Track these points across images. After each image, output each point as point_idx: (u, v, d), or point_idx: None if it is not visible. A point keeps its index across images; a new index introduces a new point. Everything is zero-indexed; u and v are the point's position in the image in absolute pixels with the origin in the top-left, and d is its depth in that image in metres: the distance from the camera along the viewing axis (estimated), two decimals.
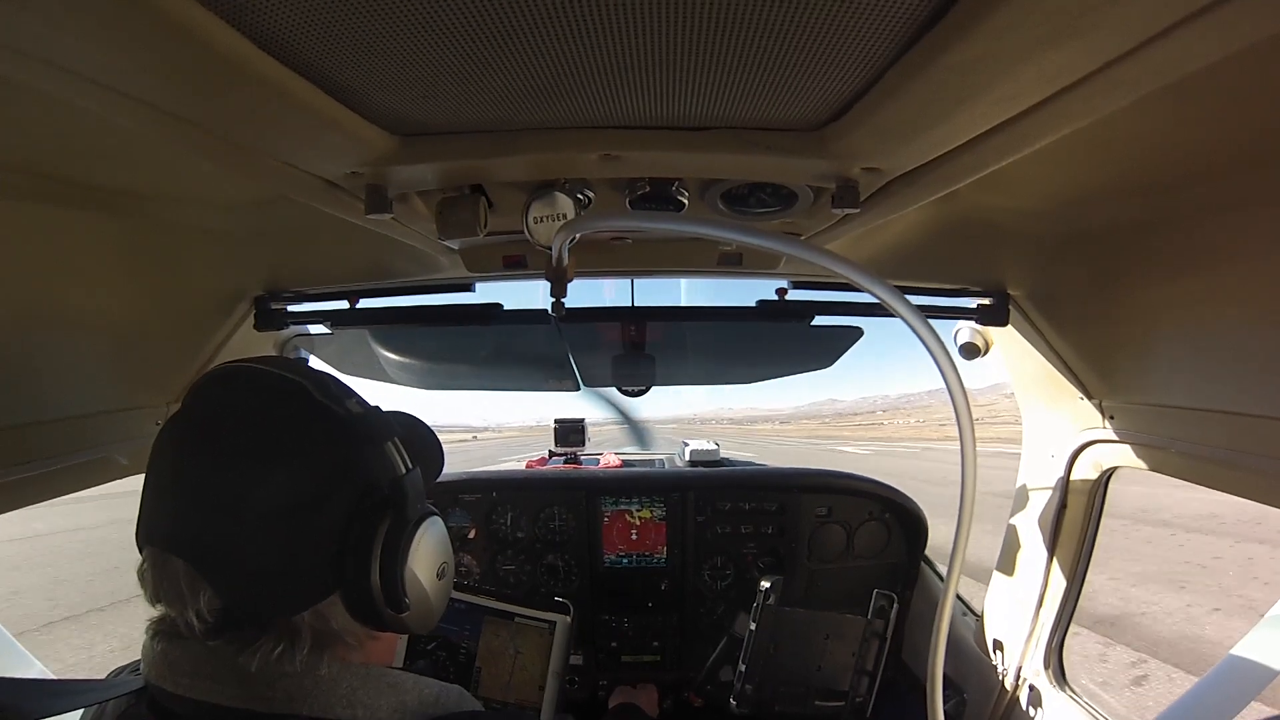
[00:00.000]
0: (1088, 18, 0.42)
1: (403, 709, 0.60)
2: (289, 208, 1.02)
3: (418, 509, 0.64)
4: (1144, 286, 1.00)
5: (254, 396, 0.60)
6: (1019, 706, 1.55)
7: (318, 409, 0.60)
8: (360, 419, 0.62)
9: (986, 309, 1.34)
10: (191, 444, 0.58)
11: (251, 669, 0.55)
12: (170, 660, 0.57)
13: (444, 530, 0.69)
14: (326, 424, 0.60)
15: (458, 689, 0.67)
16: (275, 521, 0.56)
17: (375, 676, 0.61)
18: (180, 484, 0.57)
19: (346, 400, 0.62)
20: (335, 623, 0.60)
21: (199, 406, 0.61)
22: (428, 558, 0.65)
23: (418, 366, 1.77)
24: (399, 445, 0.65)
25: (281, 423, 0.59)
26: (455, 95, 0.61)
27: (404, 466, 0.65)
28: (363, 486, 0.60)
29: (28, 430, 0.98)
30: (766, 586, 1.58)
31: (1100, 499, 1.41)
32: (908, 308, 0.54)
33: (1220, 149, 0.72)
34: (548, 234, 0.82)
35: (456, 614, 1.47)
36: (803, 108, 0.64)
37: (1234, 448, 0.95)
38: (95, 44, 0.46)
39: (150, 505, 0.58)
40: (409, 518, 0.62)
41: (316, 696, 0.57)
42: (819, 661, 1.62)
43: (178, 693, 0.57)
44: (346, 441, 0.60)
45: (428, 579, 0.65)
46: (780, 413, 59.20)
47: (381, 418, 0.65)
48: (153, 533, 0.58)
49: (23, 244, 0.85)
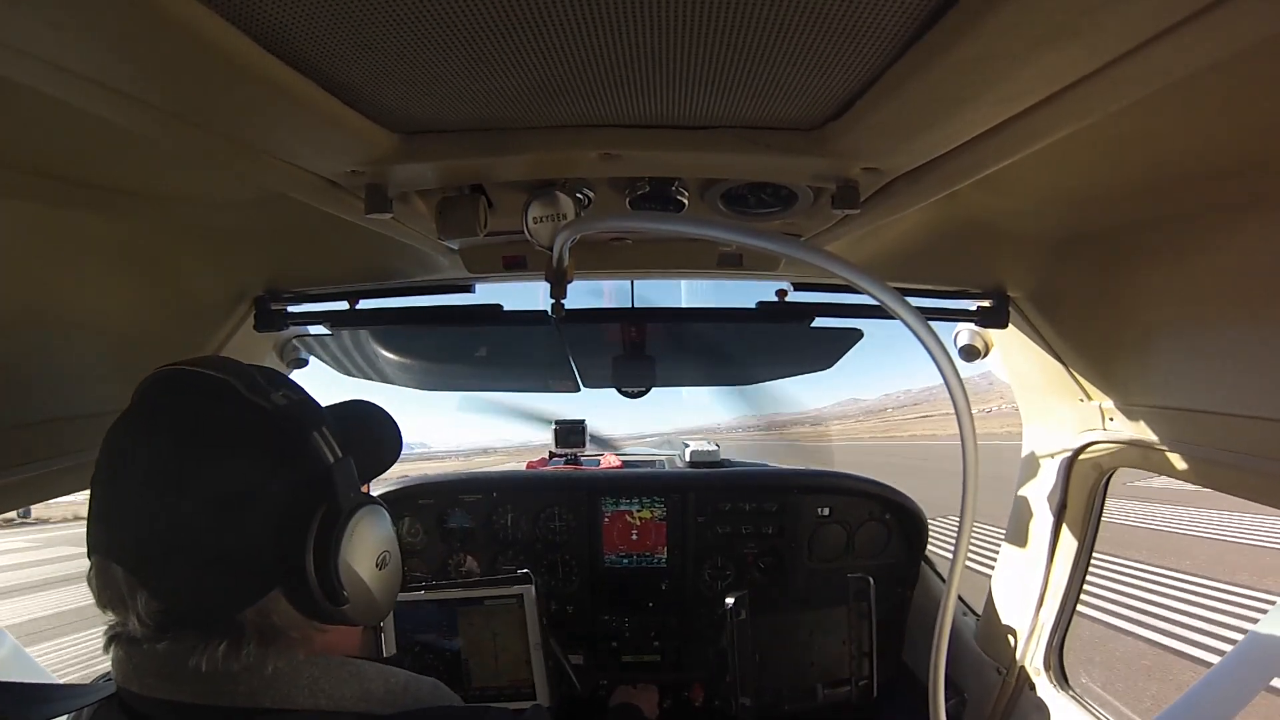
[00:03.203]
0: (1088, 18, 0.42)
1: (367, 696, 0.60)
2: (289, 207, 1.02)
3: (351, 499, 0.63)
4: (1144, 287, 1.00)
5: (181, 397, 0.60)
6: (1019, 706, 1.55)
7: (242, 403, 0.60)
8: (284, 410, 0.61)
9: (986, 311, 1.34)
10: (122, 449, 0.59)
11: (203, 669, 0.55)
12: (132, 663, 0.58)
13: (384, 519, 0.68)
14: (251, 418, 0.59)
15: (430, 681, 0.67)
16: (207, 519, 0.56)
17: (336, 665, 0.61)
18: (115, 490, 0.58)
19: (273, 393, 0.62)
20: (278, 618, 0.60)
21: (130, 412, 0.61)
22: (365, 548, 0.64)
23: (417, 367, 1.77)
24: (326, 434, 0.63)
25: (207, 420, 0.59)
26: (455, 93, 0.61)
27: (332, 455, 0.63)
28: (293, 478, 0.60)
29: (28, 430, 0.97)
30: (731, 603, 1.57)
31: (1100, 500, 1.41)
32: (907, 309, 0.54)
33: (1220, 149, 0.72)
34: (548, 234, 0.82)
35: (430, 614, 1.48)
36: (803, 107, 0.64)
37: (1233, 449, 0.95)
38: (95, 43, 0.46)
39: (92, 514, 0.59)
40: (341, 507, 0.61)
41: (278, 688, 0.57)
42: (811, 658, 1.63)
43: (144, 693, 0.57)
44: (271, 434, 0.60)
45: (367, 570, 0.64)
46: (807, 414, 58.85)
47: (308, 407, 0.64)
48: (95, 543, 0.58)
49: (23, 244, 0.84)
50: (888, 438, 46.15)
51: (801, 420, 43.69)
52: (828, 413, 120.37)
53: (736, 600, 1.57)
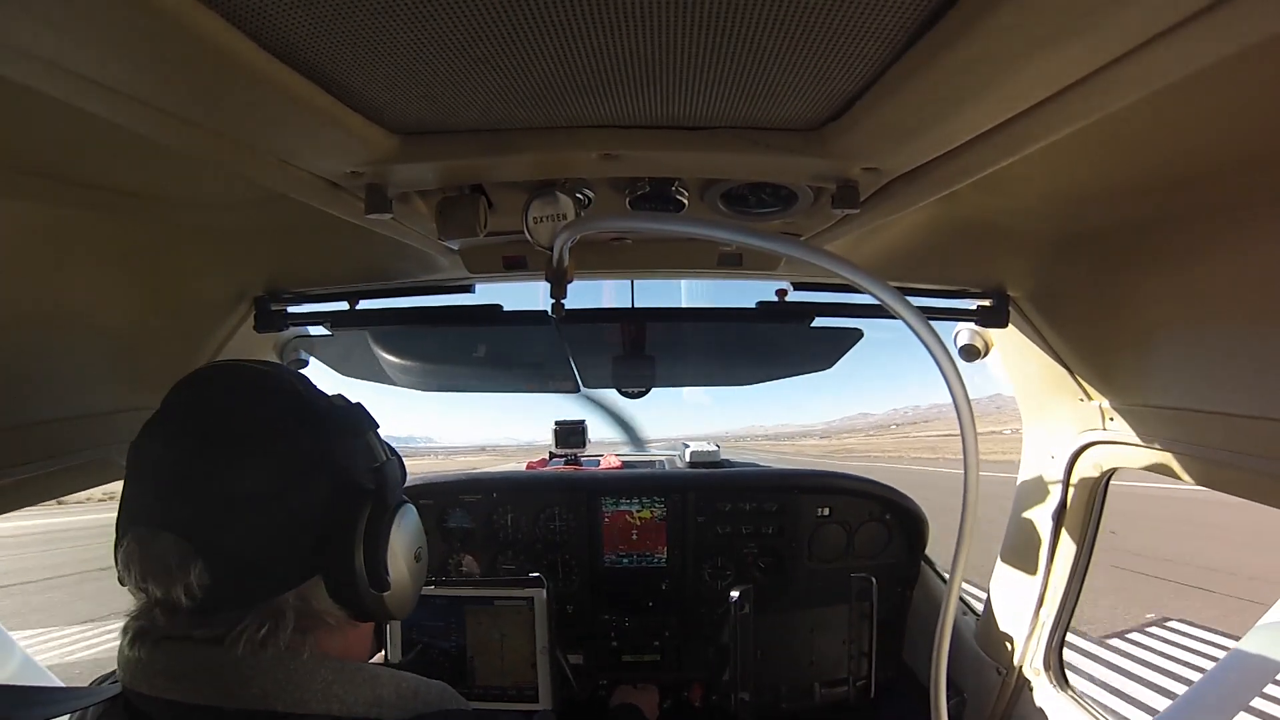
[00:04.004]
0: (1088, 18, 0.42)
1: (379, 702, 0.61)
2: (289, 208, 1.02)
3: (397, 495, 0.68)
4: (1144, 287, 1.00)
5: (237, 392, 0.62)
6: (1019, 706, 1.55)
7: (310, 397, 0.64)
8: (344, 410, 0.66)
9: (986, 310, 1.34)
10: (177, 436, 0.59)
11: (237, 653, 0.56)
12: (146, 663, 0.58)
13: (417, 517, 0.74)
14: (309, 416, 0.63)
15: (440, 685, 0.68)
16: (261, 506, 0.57)
17: (351, 670, 0.61)
18: (167, 473, 0.58)
19: (331, 396, 0.67)
20: (317, 604, 0.62)
21: (182, 404, 0.62)
22: (406, 541, 0.70)
23: (417, 368, 1.77)
24: (380, 436, 0.69)
25: (283, 397, 0.63)
26: (456, 94, 0.61)
27: (384, 455, 0.68)
28: (344, 474, 0.63)
29: (28, 430, 0.97)
30: (736, 597, 1.57)
31: (1100, 500, 1.41)
32: (907, 309, 0.54)
33: (1221, 149, 0.72)
34: (548, 234, 0.82)
35: (439, 610, 1.48)
36: (803, 107, 0.64)
37: (1233, 449, 0.95)
38: (95, 44, 0.46)
39: (135, 494, 0.59)
40: (389, 503, 0.66)
41: (290, 691, 0.57)
42: (810, 656, 1.63)
43: (153, 694, 0.57)
44: (337, 422, 0.65)
45: (407, 561, 0.70)
46: (815, 428, 57.50)
47: (363, 412, 0.69)
48: (138, 516, 0.58)
49: (23, 244, 0.84)
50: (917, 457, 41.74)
51: (809, 432, 42.79)
52: (836, 426, 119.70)
53: (741, 594, 1.57)
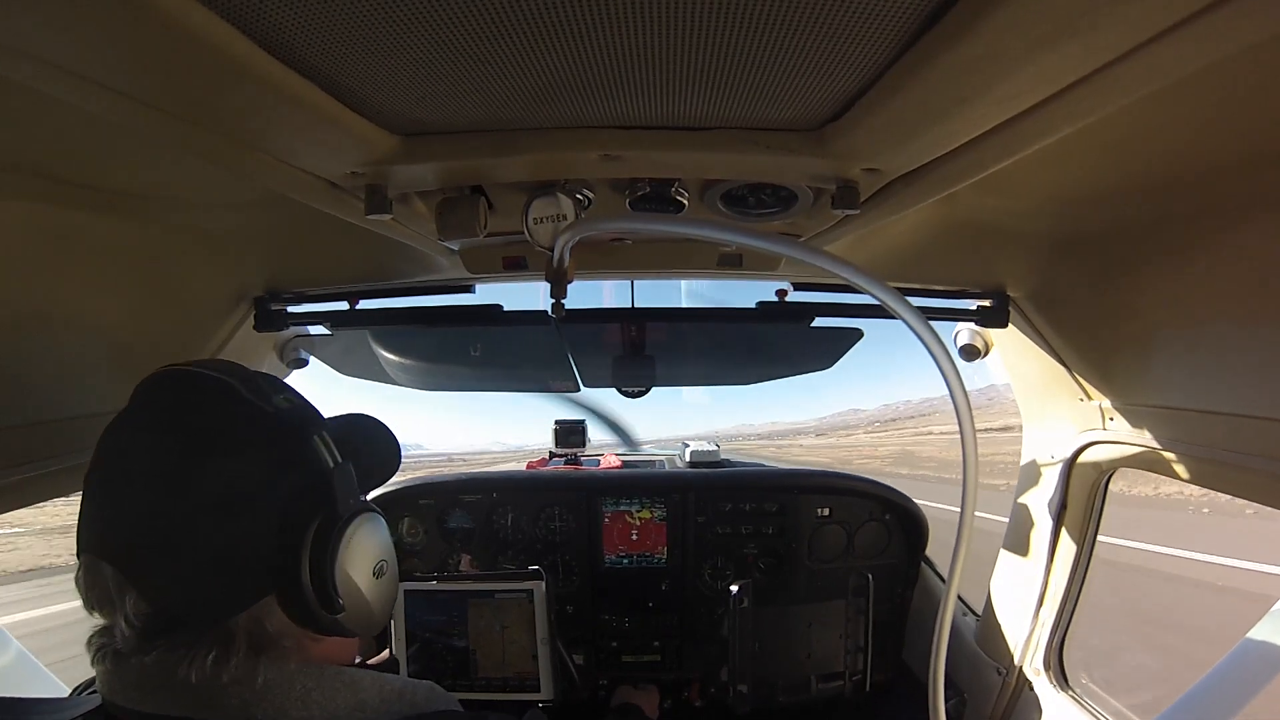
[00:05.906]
0: (1088, 18, 0.42)
1: (361, 706, 0.59)
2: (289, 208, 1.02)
3: (350, 504, 0.62)
4: (1144, 287, 1.00)
5: (180, 397, 0.59)
6: (1019, 706, 1.55)
7: (244, 405, 0.59)
8: (285, 413, 0.61)
9: (986, 310, 1.34)
10: (120, 447, 0.58)
11: (192, 680, 0.53)
12: (117, 676, 0.56)
13: (383, 527, 0.67)
14: (252, 419, 0.59)
15: (427, 684, 0.66)
16: (203, 519, 0.54)
17: (331, 676, 0.59)
18: (110, 488, 0.57)
19: (274, 396, 0.61)
20: (271, 625, 0.58)
21: (129, 410, 0.60)
22: (362, 555, 0.62)
23: (418, 367, 1.77)
24: (327, 439, 0.62)
25: (207, 420, 0.58)
26: (455, 95, 0.61)
27: (332, 460, 0.62)
28: (293, 481, 0.59)
29: (28, 430, 0.97)
30: (737, 590, 1.58)
31: (1100, 500, 1.41)
32: (907, 309, 0.54)
33: (1220, 149, 0.72)
34: (548, 235, 0.82)
35: (441, 604, 1.51)
36: (802, 108, 0.64)
37: (1233, 448, 0.95)
38: (95, 44, 0.46)
39: (85, 512, 0.57)
40: (339, 514, 0.60)
41: (270, 700, 0.55)
42: (808, 650, 1.63)
43: (130, 707, 0.55)
44: (271, 436, 0.59)
45: (363, 578, 0.63)
46: (807, 425, 57.31)
47: (309, 411, 0.64)
48: (86, 541, 0.57)
49: (23, 244, 0.84)
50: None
51: (804, 430, 42.47)
52: (829, 423, 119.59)
53: (741, 588, 1.58)
